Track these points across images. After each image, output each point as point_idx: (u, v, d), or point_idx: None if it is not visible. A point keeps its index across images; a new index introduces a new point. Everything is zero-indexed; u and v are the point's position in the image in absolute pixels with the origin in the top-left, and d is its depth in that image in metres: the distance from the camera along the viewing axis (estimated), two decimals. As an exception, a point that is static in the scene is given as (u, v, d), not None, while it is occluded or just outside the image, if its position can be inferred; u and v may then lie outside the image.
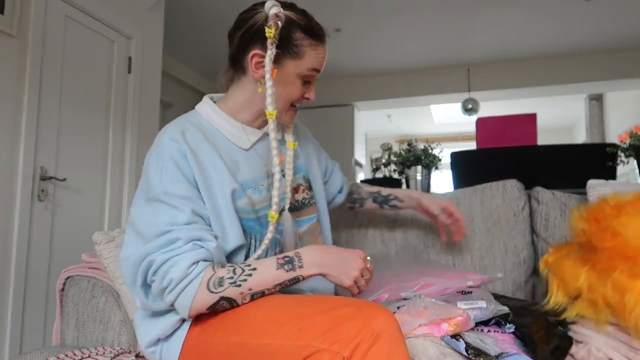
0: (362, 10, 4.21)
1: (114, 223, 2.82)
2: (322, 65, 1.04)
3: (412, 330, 1.01)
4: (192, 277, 0.88)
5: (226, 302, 0.89)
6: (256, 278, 0.90)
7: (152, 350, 1.00)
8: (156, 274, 0.90)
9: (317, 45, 1.01)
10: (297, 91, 1.03)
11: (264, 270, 0.91)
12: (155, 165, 0.97)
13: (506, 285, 1.45)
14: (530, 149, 2.65)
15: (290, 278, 0.92)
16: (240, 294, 0.89)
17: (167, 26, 3.40)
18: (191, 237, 0.90)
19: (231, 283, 0.89)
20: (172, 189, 0.94)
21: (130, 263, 0.93)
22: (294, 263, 0.92)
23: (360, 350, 0.74)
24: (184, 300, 0.88)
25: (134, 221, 0.96)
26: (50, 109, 2.45)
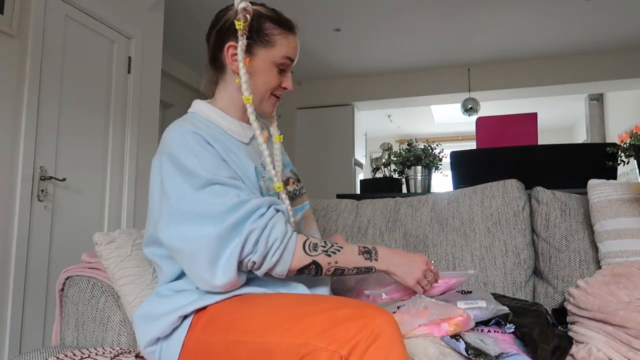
0: (362, 10, 4.21)
1: (113, 223, 2.82)
2: (295, 55, 1.10)
3: (412, 330, 1.01)
4: (290, 235, 0.96)
5: (314, 267, 0.97)
6: (343, 255, 0.99)
7: (151, 350, 1.00)
8: (259, 242, 0.93)
9: (287, 34, 1.08)
10: (274, 79, 1.09)
11: (349, 251, 1.00)
12: (190, 156, 0.97)
13: (506, 285, 1.45)
14: (530, 149, 2.64)
15: (367, 266, 1.01)
16: (327, 264, 0.97)
17: (167, 26, 3.40)
18: (269, 203, 0.97)
19: (324, 251, 0.97)
20: (219, 172, 0.97)
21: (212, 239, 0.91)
22: (371, 254, 1.02)
23: (358, 350, 0.74)
24: (287, 257, 0.95)
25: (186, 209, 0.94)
26: (50, 109, 2.45)
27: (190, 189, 0.95)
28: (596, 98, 6.49)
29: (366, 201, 1.74)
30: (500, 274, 1.46)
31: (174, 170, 0.98)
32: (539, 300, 1.48)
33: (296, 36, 1.11)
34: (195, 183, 0.95)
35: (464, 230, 1.52)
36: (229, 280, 0.93)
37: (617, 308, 1.01)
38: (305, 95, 5.98)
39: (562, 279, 1.43)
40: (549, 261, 1.47)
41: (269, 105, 1.13)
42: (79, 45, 2.65)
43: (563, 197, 1.53)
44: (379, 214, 1.65)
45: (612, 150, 2.24)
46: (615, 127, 6.12)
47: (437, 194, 1.68)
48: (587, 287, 1.14)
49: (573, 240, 1.45)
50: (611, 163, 2.24)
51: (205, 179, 0.95)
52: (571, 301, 1.13)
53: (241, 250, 0.92)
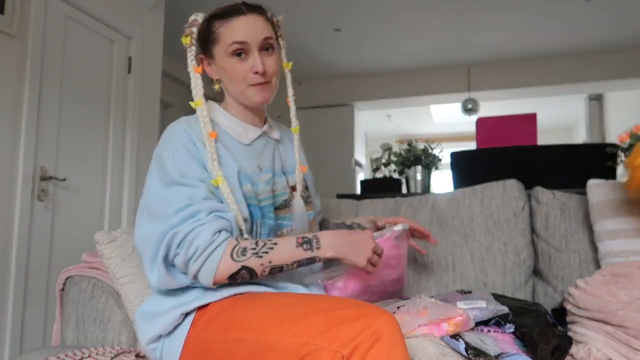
0: (362, 10, 4.22)
1: (114, 223, 2.82)
2: (246, 35, 1.05)
3: (411, 330, 1.01)
4: (217, 245, 0.93)
5: (247, 271, 0.94)
6: (277, 252, 0.95)
7: (153, 347, 1.00)
8: (181, 246, 0.93)
9: (227, 21, 1.07)
10: (237, 68, 1.07)
11: (284, 246, 0.96)
12: (169, 152, 1.02)
13: (506, 285, 1.45)
14: (530, 149, 2.65)
15: (308, 257, 0.97)
16: (260, 265, 0.94)
17: (167, 26, 3.40)
18: (211, 209, 0.96)
19: (254, 253, 0.94)
20: (187, 172, 1.00)
21: (152, 240, 0.95)
22: (312, 244, 0.98)
23: (360, 350, 0.74)
24: (209, 267, 0.93)
25: (150, 205, 0.99)
26: (50, 108, 2.45)
27: (159, 184, 1.00)
28: (596, 98, 6.48)
29: (366, 201, 1.74)
30: (500, 274, 1.46)
31: (154, 165, 1.04)
32: (539, 300, 1.48)
33: (248, 16, 1.06)
34: (164, 178, 1.00)
35: (464, 230, 1.53)
36: (161, 281, 0.96)
37: (616, 308, 1.01)
38: (305, 95, 5.98)
39: (562, 279, 1.43)
40: (549, 261, 1.47)
41: (253, 94, 1.09)
42: (79, 45, 2.65)
43: (563, 197, 1.53)
44: (379, 214, 1.66)
45: (612, 150, 2.24)
46: (615, 127, 6.11)
47: (437, 194, 1.68)
48: (586, 287, 1.14)
49: (573, 240, 1.45)
50: (611, 163, 2.24)
51: (170, 177, 0.99)
52: (571, 301, 1.14)
53: (167, 252, 0.94)
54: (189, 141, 1.03)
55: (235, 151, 1.09)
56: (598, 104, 6.49)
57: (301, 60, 5.31)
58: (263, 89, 1.08)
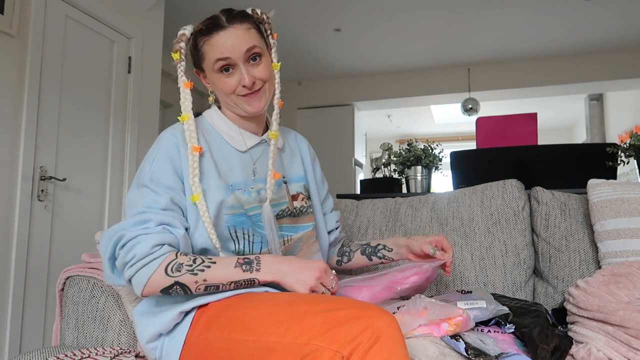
0: (362, 10, 4.21)
1: (114, 223, 2.82)
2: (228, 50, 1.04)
3: (411, 331, 1.01)
4: (154, 257, 0.93)
5: (180, 287, 0.93)
6: (213, 271, 0.94)
7: (152, 347, 1.00)
8: (122, 248, 0.94)
9: (209, 38, 1.06)
10: (225, 83, 1.07)
11: (222, 266, 0.95)
12: (150, 155, 1.04)
13: (506, 285, 1.45)
14: (530, 149, 2.64)
15: (246, 279, 0.95)
16: (194, 282, 0.93)
17: (167, 26, 3.40)
18: (161, 221, 0.96)
19: (188, 270, 0.93)
20: (159, 177, 1.00)
21: (105, 236, 0.98)
22: (252, 265, 0.96)
23: (360, 350, 0.74)
24: (141, 277, 0.93)
25: (125, 204, 1.03)
26: (50, 108, 2.45)
27: (135, 183, 1.03)
28: (596, 98, 6.48)
29: (366, 201, 1.74)
30: (500, 274, 1.46)
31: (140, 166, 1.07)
32: (539, 300, 1.48)
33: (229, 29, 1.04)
34: (138, 180, 1.02)
35: (464, 230, 1.52)
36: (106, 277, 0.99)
37: (616, 308, 1.01)
38: (305, 95, 5.98)
39: (562, 279, 1.43)
40: (549, 261, 1.47)
41: (244, 105, 1.08)
42: (79, 45, 2.65)
43: (563, 197, 1.53)
44: (379, 214, 1.65)
45: (612, 150, 2.24)
46: (615, 127, 6.12)
47: (437, 194, 1.68)
48: (586, 287, 1.14)
49: (573, 240, 1.45)
50: (611, 163, 2.24)
51: (142, 179, 1.01)
52: (571, 301, 1.13)
53: (113, 250, 0.96)
54: (175, 147, 1.03)
55: (228, 159, 1.08)
56: (598, 104, 6.49)
57: (301, 60, 5.31)
58: (254, 99, 1.07)
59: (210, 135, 1.10)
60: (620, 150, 2.27)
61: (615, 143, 2.31)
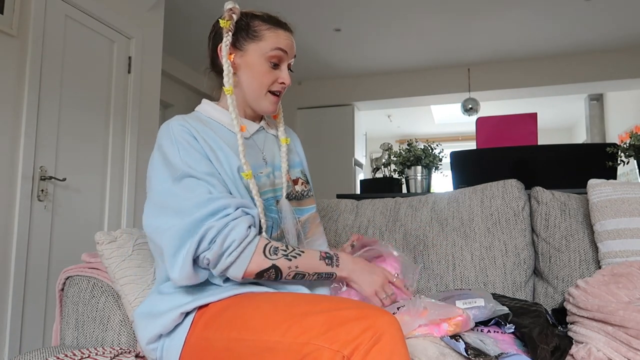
0: (362, 10, 4.21)
1: (114, 223, 2.82)
2: (288, 47, 1.11)
3: (411, 331, 1.01)
4: (250, 239, 0.96)
5: (274, 271, 0.97)
6: (304, 259, 0.99)
7: (153, 347, 1.00)
8: (214, 241, 0.93)
9: (276, 28, 1.10)
10: (267, 74, 1.10)
11: (310, 256, 1.01)
12: (173, 147, 1.02)
13: (506, 285, 1.45)
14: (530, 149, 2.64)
15: (328, 272, 1.02)
16: (288, 268, 0.98)
17: (167, 26, 3.40)
18: (238, 204, 0.98)
19: (284, 255, 0.98)
20: (196, 166, 1.00)
21: (173, 234, 0.94)
22: (333, 260, 1.03)
23: (361, 350, 0.74)
24: (243, 261, 0.94)
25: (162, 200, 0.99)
26: (50, 109, 2.45)
27: (169, 179, 0.99)
28: (596, 98, 6.48)
29: (366, 201, 1.74)
30: (500, 274, 1.46)
31: (158, 160, 1.03)
32: (539, 300, 1.48)
33: (289, 33, 1.13)
34: (174, 173, 0.99)
35: (464, 230, 1.52)
36: (185, 275, 0.94)
37: (616, 308, 1.01)
38: (305, 95, 5.98)
39: (562, 279, 1.43)
40: (549, 261, 1.47)
41: (268, 103, 1.13)
42: (79, 45, 2.65)
43: (563, 197, 1.53)
44: (379, 214, 1.65)
45: (612, 150, 2.24)
46: (615, 127, 6.12)
47: (437, 194, 1.68)
48: (586, 287, 1.14)
49: (573, 240, 1.45)
50: (611, 163, 2.24)
51: (181, 170, 0.99)
52: (571, 301, 1.13)
53: (197, 246, 0.93)
54: (190, 135, 1.03)
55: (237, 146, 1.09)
56: (598, 104, 6.49)
57: (301, 60, 5.31)
58: (276, 102, 1.14)
59: (212, 125, 1.12)
60: (620, 150, 2.27)
61: (615, 143, 2.31)
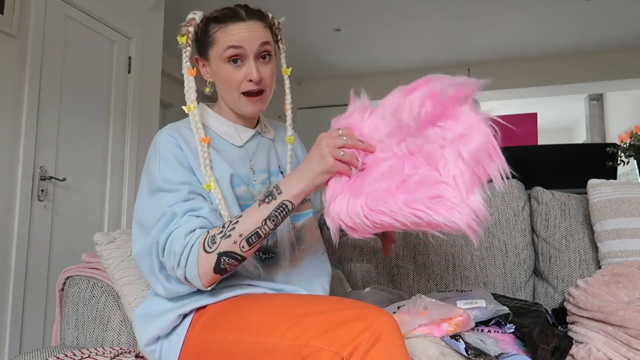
0: (362, 10, 4.21)
1: (114, 223, 2.82)
2: (243, 40, 1.02)
3: (412, 331, 1.01)
4: (191, 245, 0.91)
5: (226, 257, 0.90)
6: (243, 222, 0.91)
7: (151, 349, 1.00)
8: (164, 255, 0.93)
9: (225, 26, 1.04)
10: (231, 76, 1.04)
11: (249, 213, 0.92)
12: (154, 159, 1.02)
13: (506, 285, 1.45)
14: (530, 149, 2.65)
15: (276, 207, 0.91)
16: (233, 243, 0.90)
17: (167, 26, 3.40)
18: (186, 210, 0.94)
19: (221, 237, 0.90)
20: (171, 177, 0.99)
21: (143, 253, 0.97)
22: (272, 194, 0.92)
23: (359, 351, 0.74)
24: (191, 269, 0.90)
25: (139, 215, 1.01)
26: (50, 108, 2.45)
27: (146, 192, 1.01)
28: (596, 98, 6.49)
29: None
30: (500, 274, 1.46)
31: (143, 171, 1.05)
32: (539, 300, 1.48)
33: (245, 22, 1.03)
34: (150, 186, 1.00)
35: (464, 230, 1.52)
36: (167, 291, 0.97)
37: (616, 308, 1.01)
38: (305, 95, 5.98)
39: (562, 279, 1.43)
40: (549, 261, 1.47)
41: (245, 105, 1.06)
42: (79, 45, 2.65)
43: (563, 197, 1.53)
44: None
45: (612, 150, 2.24)
46: (615, 127, 6.12)
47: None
48: (586, 287, 1.14)
49: (573, 240, 1.45)
50: (611, 163, 2.24)
51: (155, 184, 0.99)
52: (571, 301, 1.13)
53: (158, 262, 0.95)
54: (175, 146, 1.02)
55: (228, 154, 1.08)
56: (598, 104, 6.50)
57: (301, 60, 5.31)
58: (256, 101, 1.06)
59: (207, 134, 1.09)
60: (620, 150, 2.27)
61: (615, 143, 2.31)
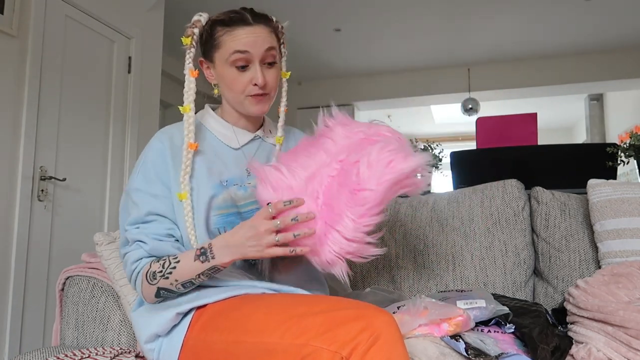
0: (362, 10, 4.21)
1: (114, 223, 2.82)
2: (249, 45, 1.03)
3: (412, 331, 1.01)
4: (137, 272, 1.01)
5: (164, 291, 0.98)
6: (179, 270, 0.96)
7: (151, 348, 1.00)
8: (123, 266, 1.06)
9: (231, 30, 1.04)
10: (237, 80, 1.06)
11: (185, 263, 0.96)
12: (137, 164, 1.07)
13: (506, 285, 1.45)
14: (530, 149, 2.65)
15: (208, 268, 0.95)
16: (171, 284, 0.97)
17: (167, 26, 3.40)
18: (135, 238, 1.01)
19: (161, 276, 0.97)
20: (142, 186, 1.04)
21: None
22: (207, 254, 0.94)
23: (359, 350, 0.74)
24: (138, 289, 1.02)
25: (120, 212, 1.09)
26: (50, 108, 2.45)
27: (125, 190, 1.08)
28: (596, 98, 6.49)
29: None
30: (500, 274, 1.46)
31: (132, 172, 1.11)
32: (539, 300, 1.48)
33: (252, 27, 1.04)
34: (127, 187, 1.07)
35: (464, 230, 1.52)
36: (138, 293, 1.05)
37: (616, 308, 1.01)
38: (305, 95, 5.98)
39: (562, 279, 1.43)
40: (549, 261, 1.47)
41: (251, 105, 1.08)
42: (79, 45, 2.65)
43: (563, 197, 1.53)
44: (379, 214, 1.65)
45: (612, 150, 2.24)
46: (615, 127, 6.12)
47: (437, 194, 1.68)
48: (586, 287, 1.14)
49: (573, 240, 1.45)
50: (611, 163, 2.24)
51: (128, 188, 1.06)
52: (571, 301, 1.13)
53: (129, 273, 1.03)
54: (159, 155, 1.05)
55: (223, 156, 1.09)
56: (598, 104, 6.50)
57: (301, 60, 5.31)
58: (261, 101, 1.07)
59: (204, 134, 1.11)
60: (620, 150, 2.27)
61: (615, 143, 2.31)
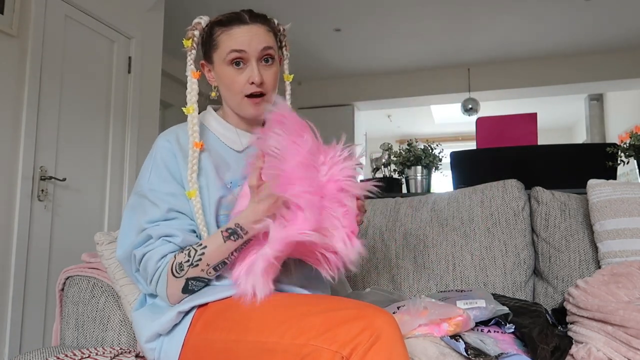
0: (362, 10, 4.22)
1: (114, 223, 2.82)
2: (245, 44, 1.04)
3: (412, 331, 1.01)
4: (162, 269, 0.98)
5: (194, 280, 0.97)
6: (209, 255, 0.96)
7: (151, 347, 1.00)
8: (140, 269, 1.01)
9: (228, 29, 1.06)
10: (234, 80, 1.06)
11: (214, 247, 0.96)
12: (147, 166, 1.06)
13: (506, 285, 1.45)
14: (530, 149, 2.64)
15: (244, 242, 0.96)
16: (202, 270, 0.97)
17: (167, 26, 3.40)
18: (160, 234, 0.99)
19: (189, 265, 0.96)
20: (158, 186, 1.03)
21: (124, 259, 1.05)
22: (238, 233, 0.95)
23: (359, 350, 0.74)
24: (161, 289, 0.98)
25: (124, 217, 1.08)
26: (50, 108, 2.45)
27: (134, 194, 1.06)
28: (596, 98, 6.48)
29: (366, 201, 1.74)
30: (500, 274, 1.46)
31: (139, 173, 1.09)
32: (539, 300, 1.48)
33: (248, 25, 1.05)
34: (137, 188, 1.06)
35: (464, 230, 1.52)
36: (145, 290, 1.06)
37: (616, 308, 1.01)
38: (305, 95, 5.98)
39: (562, 279, 1.43)
40: (549, 261, 1.47)
41: (248, 107, 1.07)
42: (79, 45, 2.65)
43: (562, 197, 1.53)
44: (379, 214, 1.65)
45: (612, 150, 2.24)
46: (615, 127, 6.12)
47: (437, 194, 1.68)
48: (586, 287, 1.14)
49: (573, 240, 1.45)
50: (611, 163, 2.24)
51: (141, 189, 1.04)
52: (571, 301, 1.14)
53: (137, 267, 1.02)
54: (170, 154, 1.05)
55: (226, 158, 1.09)
56: (598, 104, 6.50)
57: (301, 60, 5.31)
58: (258, 104, 1.07)
59: (207, 136, 1.10)
60: (620, 150, 2.27)
61: (615, 143, 2.31)
